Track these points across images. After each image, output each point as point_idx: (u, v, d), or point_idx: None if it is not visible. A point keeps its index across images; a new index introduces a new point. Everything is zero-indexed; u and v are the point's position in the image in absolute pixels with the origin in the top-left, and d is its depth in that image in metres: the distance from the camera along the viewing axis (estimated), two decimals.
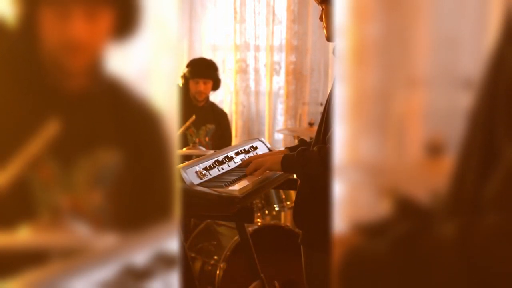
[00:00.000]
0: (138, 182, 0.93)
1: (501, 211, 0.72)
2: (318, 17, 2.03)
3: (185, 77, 3.93)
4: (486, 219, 0.72)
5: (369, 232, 0.82)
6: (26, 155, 0.86)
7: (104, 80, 0.92)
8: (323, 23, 1.99)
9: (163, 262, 0.92)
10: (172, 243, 0.93)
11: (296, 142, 4.09)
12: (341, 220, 0.84)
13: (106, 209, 0.90)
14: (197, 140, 3.79)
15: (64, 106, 0.92)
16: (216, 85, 4.00)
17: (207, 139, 3.97)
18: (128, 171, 0.91)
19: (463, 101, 0.81)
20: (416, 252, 0.76)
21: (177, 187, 0.94)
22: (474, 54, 0.83)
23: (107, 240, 0.89)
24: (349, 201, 0.85)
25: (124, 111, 0.94)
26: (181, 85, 3.94)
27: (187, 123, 3.48)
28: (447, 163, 0.81)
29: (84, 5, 0.91)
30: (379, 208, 0.84)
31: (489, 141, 0.77)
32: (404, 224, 0.79)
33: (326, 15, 1.96)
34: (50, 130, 0.87)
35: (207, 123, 4.02)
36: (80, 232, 0.88)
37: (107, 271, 0.87)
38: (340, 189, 0.84)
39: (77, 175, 0.89)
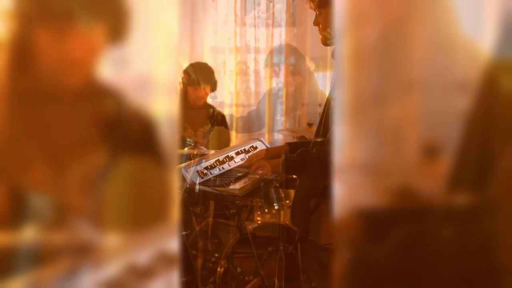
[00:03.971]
0: (139, 185, 0.93)
1: (499, 214, 0.73)
2: (313, 22, 2.04)
3: (183, 83, 3.93)
4: (485, 221, 0.74)
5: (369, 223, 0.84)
6: None
7: (101, 84, 0.92)
8: (319, 28, 2.00)
9: (164, 261, 0.93)
10: (172, 243, 0.94)
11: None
12: (340, 220, 0.85)
13: (108, 211, 0.91)
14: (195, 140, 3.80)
15: (61, 109, 0.90)
16: (213, 87, 4.01)
17: (205, 140, 3.97)
18: (130, 175, 0.92)
19: (458, 104, 0.82)
20: (416, 254, 0.77)
21: (177, 189, 0.96)
22: (470, 58, 0.84)
23: (110, 240, 0.90)
24: (347, 202, 0.86)
25: (122, 116, 0.93)
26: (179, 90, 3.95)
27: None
28: (443, 164, 0.82)
29: (77, 22, 0.89)
30: (377, 208, 0.85)
31: (485, 144, 0.78)
32: (404, 228, 0.80)
33: (324, 20, 1.97)
34: None
35: (204, 124, 4.03)
36: (82, 233, 0.88)
37: (109, 271, 0.88)
38: (339, 190, 0.86)
39: (72, 179, 0.89)
